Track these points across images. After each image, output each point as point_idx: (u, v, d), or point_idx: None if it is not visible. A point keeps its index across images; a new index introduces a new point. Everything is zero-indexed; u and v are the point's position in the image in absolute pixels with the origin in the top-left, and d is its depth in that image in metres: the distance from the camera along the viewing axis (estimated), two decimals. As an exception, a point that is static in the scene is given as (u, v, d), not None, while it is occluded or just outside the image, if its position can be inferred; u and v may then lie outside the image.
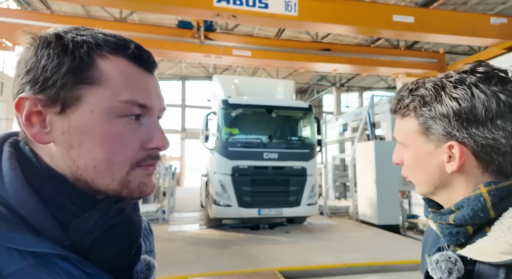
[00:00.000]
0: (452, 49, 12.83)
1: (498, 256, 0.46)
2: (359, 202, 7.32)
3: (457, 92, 0.51)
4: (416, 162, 0.57)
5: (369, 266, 4.13)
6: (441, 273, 0.50)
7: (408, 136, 0.57)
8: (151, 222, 7.37)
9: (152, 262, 0.51)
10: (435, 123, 0.53)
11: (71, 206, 0.41)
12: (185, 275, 3.68)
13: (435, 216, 0.56)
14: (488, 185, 0.50)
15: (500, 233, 0.47)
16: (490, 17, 6.71)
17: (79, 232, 0.40)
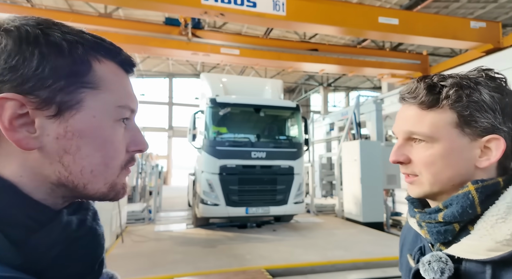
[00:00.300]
0: (434, 51, 13.21)
1: (486, 253, 0.47)
2: (344, 200, 7.46)
3: (494, 86, 0.51)
4: (444, 157, 0.53)
5: (353, 263, 4.22)
6: (434, 273, 0.50)
7: (440, 129, 0.53)
8: (137, 222, 7.30)
9: (115, 276, 0.48)
10: (481, 115, 0.50)
11: (27, 220, 0.36)
12: (171, 275, 3.66)
13: (423, 216, 0.56)
14: (476, 183, 0.51)
15: (484, 231, 0.48)
16: (470, 21, 6.96)
17: (38, 249, 0.36)
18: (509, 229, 0.46)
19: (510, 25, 11.27)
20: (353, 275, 3.94)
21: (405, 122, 0.56)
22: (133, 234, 5.82)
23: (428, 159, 0.54)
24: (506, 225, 0.46)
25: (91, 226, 0.42)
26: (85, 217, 0.42)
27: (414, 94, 0.55)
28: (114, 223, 5.16)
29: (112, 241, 5.16)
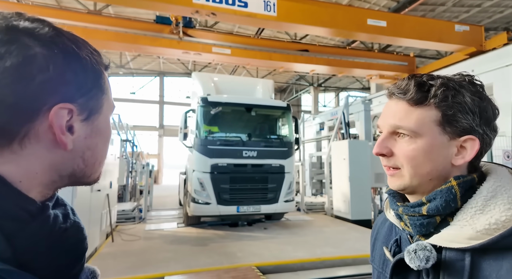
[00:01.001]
0: (421, 53, 13.53)
1: (466, 242, 0.50)
2: (334, 198, 7.60)
3: (474, 90, 0.55)
4: (426, 153, 0.56)
5: (342, 260, 4.33)
6: (420, 261, 0.52)
7: (424, 125, 0.55)
8: (127, 221, 7.25)
9: (96, 271, 0.49)
10: (462, 116, 0.54)
11: (20, 211, 0.37)
12: (162, 273, 3.67)
13: (406, 209, 0.58)
14: (458, 178, 0.55)
15: (465, 222, 0.51)
16: (455, 24, 7.18)
17: (31, 240, 0.37)
18: (487, 219, 0.49)
19: (493, 29, 11.66)
20: (342, 271, 4.04)
21: (392, 116, 0.58)
22: (123, 233, 5.79)
23: (411, 153, 0.56)
24: (484, 216, 0.50)
25: (74, 219, 0.44)
26: (67, 211, 0.44)
27: (404, 90, 0.57)
28: (104, 222, 5.13)
29: (102, 240, 5.13)
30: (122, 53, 17.55)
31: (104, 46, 8.70)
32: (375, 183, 7.20)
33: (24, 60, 0.36)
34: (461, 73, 0.58)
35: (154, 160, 20.69)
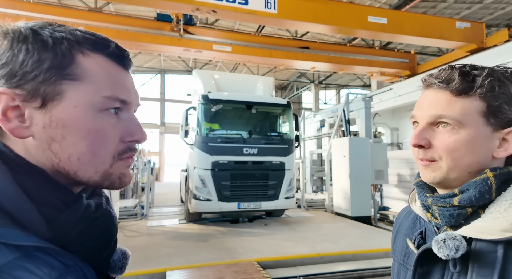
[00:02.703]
0: (423, 50, 13.49)
1: (499, 234, 0.50)
2: (334, 195, 7.64)
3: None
4: (469, 144, 0.55)
5: (341, 255, 4.38)
6: (449, 250, 0.51)
7: (468, 115, 0.54)
8: (129, 218, 7.30)
9: (127, 252, 0.53)
10: (508, 108, 0.54)
11: (56, 201, 0.42)
12: (164, 268, 3.74)
13: (436, 200, 0.58)
14: (494, 170, 0.54)
15: (498, 214, 0.51)
16: (456, 21, 7.18)
17: (65, 226, 0.41)
18: None
19: (494, 26, 11.61)
20: (341, 267, 4.08)
21: (433, 106, 0.56)
22: (125, 229, 5.86)
23: (453, 144, 0.55)
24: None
25: (106, 208, 0.48)
26: (101, 201, 0.48)
27: (447, 80, 0.55)
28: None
29: (105, 236, 5.19)
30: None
31: (105, 44, 8.72)
32: (375, 180, 7.24)
33: None
34: (500, 65, 0.57)
35: (156, 157, 20.77)
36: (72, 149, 0.42)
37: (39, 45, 0.40)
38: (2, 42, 0.40)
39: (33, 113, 0.40)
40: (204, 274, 3.60)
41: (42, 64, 0.40)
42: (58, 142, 0.42)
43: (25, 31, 0.40)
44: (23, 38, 0.40)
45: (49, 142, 0.41)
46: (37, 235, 0.38)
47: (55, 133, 0.41)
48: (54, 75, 0.40)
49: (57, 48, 0.41)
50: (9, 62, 0.39)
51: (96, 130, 0.43)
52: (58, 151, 0.42)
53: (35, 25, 0.41)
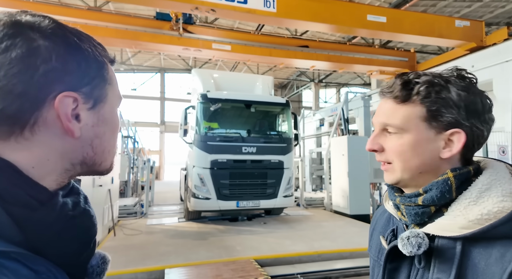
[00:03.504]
0: (422, 48, 13.47)
1: (458, 231, 0.53)
2: (333, 194, 7.66)
3: (462, 85, 0.57)
4: (413, 148, 0.58)
5: (339, 253, 4.40)
6: (412, 247, 0.54)
7: (410, 121, 0.58)
8: (129, 216, 7.34)
9: (107, 256, 0.50)
10: (446, 111, 0.56)
11: (28, 198, 0.38)
12: (162, 266, 3.76)
13: (403, 199, 0.61)
14: (454, 170, 0.57)
15: (458, 212, 0.54)
16: (455, 20, 7.16)
17: (38, 227, 0.38)
18: (479, 210, 0.52)
19: (495, 24, 11.58)
20: (339, 264, 4.11)
21: (381, 114, 0.62)
22: (125, 227, 5.90)
23: (399, 148, 0.60)
24: (477, 207, 0.52)
25: (85, 207, 0.46)
26: (78, 200, 0.46)
27: (391, 89, 0.61)
28: (106, 217, 5.23)
29: (104, 235, 5.23)
30: (123, 50, 17.56)
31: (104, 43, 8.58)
32: (374, 178, 7.26)
33: (28, 51, 0.39)
34: (453, 68, 0.59)
35: (156, 156, 20.82)
36: (107, 143, 0.48)
37: (86, 54, 0.44)
38: (52, 44, 0.41)
39: (86, 114, 0.44)
40: (202, 272, 3.63)
41: (94, 71, 0.45)
42: (99, 138, 0.46)
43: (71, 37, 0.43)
44: (74, 45, 0.43)
45: (92, 138, 0.45)
46: (4, 239, 0.35)
47: (99, 130, 0.46)
48: (102, 80, 0.46)
49: (97, 56, 0.46)
50: (71, 68, 0.42)
51: (118, 125, 0.51)
52: (97, 145, 0.46)
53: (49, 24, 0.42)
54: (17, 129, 0.39)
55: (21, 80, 0.38)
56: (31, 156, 0.40)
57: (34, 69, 0.39)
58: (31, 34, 0.40)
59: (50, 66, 0.40)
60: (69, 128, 0.42)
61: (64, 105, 0.41)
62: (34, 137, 0.40)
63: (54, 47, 0.41)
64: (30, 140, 0.40)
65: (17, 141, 0.40)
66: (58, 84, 0.41)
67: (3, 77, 0.38)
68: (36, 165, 0.41)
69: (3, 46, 0.38)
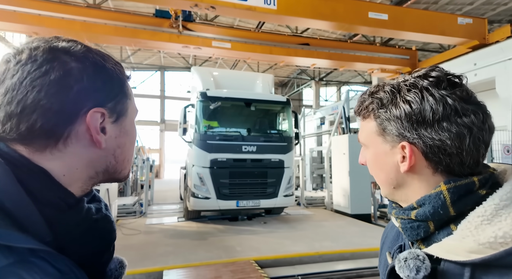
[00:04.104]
0: (424, 46, 13.35)
1: (466, 255, 0.45)
2: (333, 193, 7.61)
3: (409, 95, 0.53)
4: (375, 162, 0.59)
5: (340, 254, 4.36)
6: (409, 271, 0.48)
7: (368, 137, 0.59)
8: (128, 216, 7.33)
9: (124, 261, 0.55)
10: (389, 124, 0.54)
11: (59, 201, 0.43)
12: (160, 267, 3.72)
13: (398, 212, 0.57)
14: (448, 182, 0.50)
15: (467, 232, 0.46)
16: (458, 17, 7.06)
17: (67, 227, 0.43)
18: (493, 232, 0.44)
19: (497, 22, 11.48)
20: (340, 265, 4.07)
21: (359, 130, 0.64)
22: (124, 227, 5.85)
23: (368, 163, 0.61)
24: (491, 228, 0.45)
25: (106, 213, 0.51)
26: (100, 206, 0.51)
27: (356, 106, 0.63)
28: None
29: (103, 235, 5.19)
30: (123, 48, 17.48)
31: (103, 41, 8.66)
32: (375, 177, 7.20)
33: (64, 73, 0.44)
34: (413, 74, 0.56)
35: (156, 154, 20.78)
36: (127, 152, 0.53)
37: (110, 73, 0.49)
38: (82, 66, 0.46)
39: (110, 127, 0.49)
40: (201, 273, 3.58)
41: (117, 88, 0.50)
42: (121, 148, 0.51)
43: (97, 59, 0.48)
44: (101, 65, 0.48)
45: (115, 148, 0.50)
46: (36, 238, 0.39)
47: (121, 141, 0.51)
48: (123, 96, 0.51)
49: (119, 74, 0.51)
50: (98, 86, 0.47)
51: (135, 136, 0.56)
52: (119, 155, 0.51)
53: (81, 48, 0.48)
54: (52, 142, 0.44)
55: (59, 99, 0.43)
56: (63, 165, 0.45)
57: (69, 88, 0.44)
58: (66, 58, 0.45)
59: (82, 86, 0.45)
60: (98, 140, 0.47)
61: (94, 119, 0.46)
62: (66, 148, 0.45)
63: (85, 69, 0.46)
64: (63, 152, 0.45)
65: (51, 152, 0.45)
66: (88, 101, 0.46)
67: (44, 96, 0.42)
68: (66, 173, 0.45)
69: (43, 70, 0.43)
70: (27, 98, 0.42)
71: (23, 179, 0.41)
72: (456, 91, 0.51)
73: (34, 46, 0.45)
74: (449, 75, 0.53)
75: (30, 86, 0.42)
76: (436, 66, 0.55)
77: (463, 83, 0.53)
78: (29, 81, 0.42)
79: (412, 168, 0.53)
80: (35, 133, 0.43)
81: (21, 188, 0.40)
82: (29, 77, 0.43)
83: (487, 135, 0.52)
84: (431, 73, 0.54)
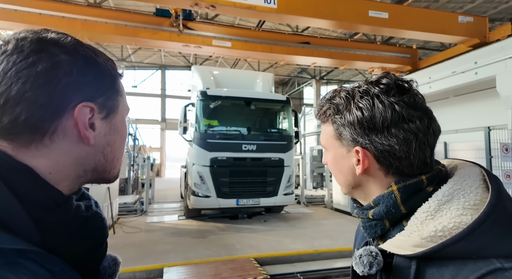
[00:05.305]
0: (425, 44, 13.32)
1: (411, 249, 0.48)
2: (333, 192, 7.63)
3: (362, 102, 0.55)
4: (334, 164, 0.62)
5: (339, 252, 4.38)
6: (363, 267, 0.51)
7: (327, 140, 0.62)
8: (129, 214, 7.39)
9: (118, 258, 0.53)
10: (344, 129, 0.57)
11: (47, 200, 0.41)
12: (161, 264, 3.75)
13: (358, 211, 0.60)
14: (398, 183, 0.54)
15: (414, 227, 0.50)
16: (458, 15, 7.04)
17: (55, 226, 0.41)
18: (434, 226, 0.47)
19: (498, 20, 11.43)
20: (339, 263, 4.09)
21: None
22: (125, 225, 5.89)
23: (328, 165, 0.64)
24: (433, 222, 0.48)
25: (97, 210, 0.49)
26: (90, 204, 0.49)
27: (316, 111, 0.65)
28: (105, 215, 5.22)
29: (104, 233, 5.23)
30: (123, 47, 17.51)
31: (104, 39, 8.67)
32: (375, 176, 7.21)
33: (52, 65, 0.42)
34: (366, 80, 0.59)
35: (157, 153, 20.84)
36: (117, 151, 0.51)
37: (101, 67, 0.48)
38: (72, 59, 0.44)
39: (100, 123, 0.47)
40: (201, 271, 3.61)
41: (108, 83, 0.48)
42: (111, 146, 0.49)
43: (88, 53, 0.47)
44: (92, 60, 0.47)
45: (105, 146, 0.48)
46: (23, 238, 0.37)
47: (111, 139, 0.49)
48: (114, 92, 0.49)
49: (110, 69, 0.49)
50: (88, 80, 0.45)
51: (126, 135, 0.54)
52: (108, 153, 0.49)
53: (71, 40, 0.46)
54: (38, 137, 0.42)
55: (45, 91, 0.41)
56: (49, 162, 0.43)
57: (57, 81, 0.42)
58: (55, 50, 0.43)
59: (71, 79, 0.43)
60: (86, 136, 0.44)
61: (82, 114, 0.44)
62: (52, 144, 0.43)
63: (75, 61, 0.44)
64: (49, 147, 0.43)
65: (37, 148, 0.42)
66: (77, 95, 0.44)
67: (30, 88, 0.40)
68: (52, 171, 0.43)
69: (30, 61, 0.41)
70: (11, 89, 0.40)
71: (7, 177, 0.39)
72: (404, 98, 0.54)
73: (21, 37, 0.42)
74: (398, 81, 0.56)
75: (15, 77, 0.40)
76: (387, 73, 0.58)
77: (412, 89, 0.56)
78: (14, 72, 0.40)
79: (366, 171, 0.56)
80: (19, 126, 0.40)
81: (4, 186, 0.38)
82: (14, 68, 0.40)
83: (432, 139, 0.55)
84: (381, 81, 0.56)
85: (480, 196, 0.49)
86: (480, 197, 0.49)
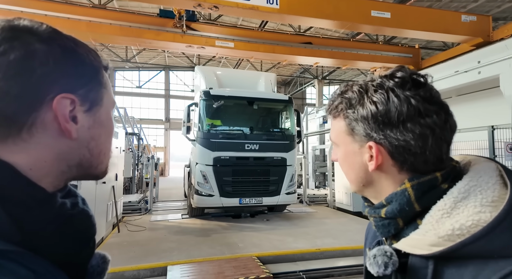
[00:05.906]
0: (427, 44, 13.27)
1: (428, 248, 0.47)
2: (336, 191, 7.64)
3: (376, 96, 0.54)
4: (345, 161, 0.60)
5: (342, 251, 4.40)
6: (378, 267, 0.50)
7: (339, 136, 0.60)
8: (134, 212, 7.42)
9: (107, 256, 0.51)
10: (357, 124, 0.55)
11: (27, 198, 0.39)
12: (165, 262, 3.80)
13: (370, 210, 0.58)
14: (412, 180, 0.52)
15: (430, 225, 0.48)
16: (461, 15, 7.02)
17: (37, 225, 0.39)
18: (451, 224, 0.46)
19: (502, 19, 11.35)
20: (341, 262, 4.11)
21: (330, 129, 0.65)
22: (129, 224, 5.96)
23: (339, 161, 0.62)
24: (450, 220, 0.46)
25: (83, 208, 0.46)
26: (76, 201, 0.47)
27: (327, 106, 0.63)
28: (110, 214, 5.29)
29: (108, 231, 5.30)
30: (128, 47, 17.64)
31: (109, 40, 8.77)
32: (378, 176, 7.21)
33: (25, 54, 0.39)
34: (380, 74, 0.57)
35: (161, 153, 20.97)
36: (103, 145, 0.48)
37: (83, 58, 0.45)
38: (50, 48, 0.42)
39: (82, 116, 0.44)
40: (204, 269, 3.66)
41: (90, 75, 0.46)
42: (95, 140, 0.47)
43: (68, 44, 0.44)
44: (71, 50, 0.44)
45: (89, 140, 0.46)
46: (3, 238, 0.35)
47: (95, 133, 0.46)
48: (98, 84, 0.47)
49: (94, 62, 0.47)
50: (68, 71, 0.43)
51: (113, 129, 0.52)
52: (93, 148, 0.47)
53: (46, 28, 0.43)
54: (14, 131, 0.39)
55: (18, 82, 0.39)
56: (29, 158, 0.40)
57: (31, 71, 0.39)
58: (29, 38, 0.40)
59: (48, 69, 0.40)
60: (67, 129, 0.42)
61: (62, 106, 0.41)
62: (31, 138, 0.40)
63: (51, 51, 0.41)
64: (28, 142, 0.40)
65: (14, 142, 0.40)
66: (55, 86, 0.41)
67: (1, 79, 0.38)
68: (33, 167, 0.41)
69: (1, 49, 0.38)
70: None
71: None
72: (420, 91, 0.52)
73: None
74: (414, 75, 0.54)
75: None
76: (402, 66, 0.56)
77: (427, 83, 0.54)
78: None
79: (379, 167, 0.55)
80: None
81: None
82: None
83: (449, 134, 0.53)
84: (396, 74, 0.54)
85: (498, 193, 0.47)
86: (498, 193, 0.46)
